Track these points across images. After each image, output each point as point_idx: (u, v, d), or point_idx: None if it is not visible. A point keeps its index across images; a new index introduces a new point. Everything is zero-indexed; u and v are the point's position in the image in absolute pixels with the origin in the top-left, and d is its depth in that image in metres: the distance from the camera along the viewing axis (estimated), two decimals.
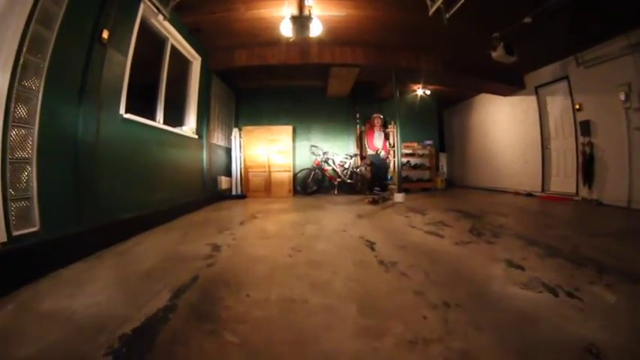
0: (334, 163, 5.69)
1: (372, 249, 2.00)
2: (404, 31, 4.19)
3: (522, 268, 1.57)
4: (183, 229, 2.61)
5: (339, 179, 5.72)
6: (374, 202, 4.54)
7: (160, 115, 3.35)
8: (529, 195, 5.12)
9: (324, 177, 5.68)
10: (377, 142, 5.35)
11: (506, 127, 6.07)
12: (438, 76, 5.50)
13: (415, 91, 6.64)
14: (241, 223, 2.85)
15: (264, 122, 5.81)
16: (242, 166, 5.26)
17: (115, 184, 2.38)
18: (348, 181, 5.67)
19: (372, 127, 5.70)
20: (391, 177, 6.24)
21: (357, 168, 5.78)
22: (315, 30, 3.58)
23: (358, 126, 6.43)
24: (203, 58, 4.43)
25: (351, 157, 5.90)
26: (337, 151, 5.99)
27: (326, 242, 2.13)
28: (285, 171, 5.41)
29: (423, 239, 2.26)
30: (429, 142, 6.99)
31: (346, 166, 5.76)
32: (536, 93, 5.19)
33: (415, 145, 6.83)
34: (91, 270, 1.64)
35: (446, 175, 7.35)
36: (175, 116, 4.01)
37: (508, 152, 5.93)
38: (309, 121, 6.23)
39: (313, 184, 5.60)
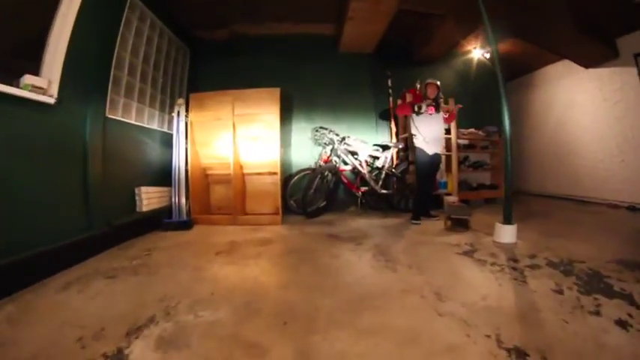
0: (357, 160, 3.33)
1: None
2: None
3: None
4: None
5: (364, 188, 3.37)
6: (455, 224, 2.25)
7: None
8: (632, 209, 3.57)
9: (337, 184, 3.30)
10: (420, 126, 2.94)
11: (589, 112, 4.29)
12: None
13: (470, 52, 4.33)
14: None
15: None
16: (190, 165, 2.89)
17: None
18: (383, 191, 3.30)
19: (408, 100, 3.38)
20: (445, 182, 3.89)
21: (394, 168, 3.41)
22: None
23: (391, 99, 4.06)
24: None
25: (383, 149, 3.52)
26: (359, 138, 3.61)
27: None
28: (269, 173, 3.04)
29: None
30: (492, 128, 4.60)
31: (378, 164, 3.39)
32: (637, 63, 3.59)
33: (474, 131, 4.44)
34: None
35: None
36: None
37: (593, 147, 4.25)
38: (310, 88, 3.82)
39: (319, 198, 3.24)
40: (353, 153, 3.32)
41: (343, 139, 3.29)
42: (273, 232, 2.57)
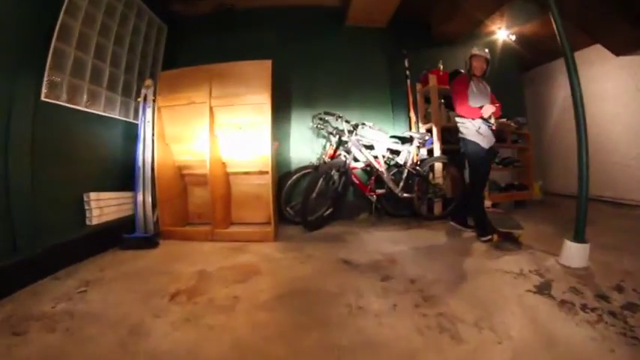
0: (373, 155, 2.66)
1: None
2: None
3: None
4: None
5: (380, 191, 2.71)
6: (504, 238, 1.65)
7: None
8: None
9: (346, 186, 2.66)
10: (478, 104, 2.20)
11: (621, 104, 3.86)
12: None
13: (494, 33, 3.81)
14: None
15: None
16: (157, 163, 2.27)
17: None
18: (405, 195, 2.65)
19: (431, 83, 2.93)
20: None
21: (418, 165, 2.79)
22: None
23: (409, 82, 3.42)
24: None
25: (403, 141, 2.89)
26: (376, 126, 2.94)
27: None
28: (258, 172, 2.42)
29: None
30: (522, 119, 3.98)
31: (399, 160, 2.73)
32: None
33: (506, 122, 3.81)
34: None
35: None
36: None
37: (627, 143, 3.77)
38: (312, 68, 3.17)
39: (323, 204, 2.62)
40: (368, 146, 2.68)
41: (356, 127, 2.62)
42: (261, 254, 1.93)
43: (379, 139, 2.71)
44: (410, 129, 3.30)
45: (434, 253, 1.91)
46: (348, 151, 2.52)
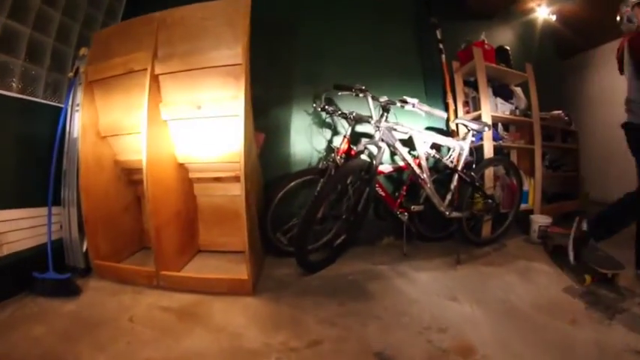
0: (413, 154, 1.77)
1: None
2: None
3: None
4: None
5: (416, 208, 1.89)
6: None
7: None
8: None
9: (369, 202, 1.75)
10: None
11: None
12: None
13: (533, 10, 3.35)
14: None
15: None
16: (83, 164, 1.57)
17: None
18: (453, 214, 1.78)
19: (477, 57, 2.35)
20: (527, 193, 2.49)
21: (474, 170, 1.93)
22: None
23: (444, 57, 2.60)
24: None
25: (450, 134, 2.10)
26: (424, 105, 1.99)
27: None
28: (234, 179, 1.64)
29: None
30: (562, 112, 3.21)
31: (447, 161, 1.86)
32: None
33: (561, 115, 3.16)
34: None
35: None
36: None
37: None
38: (316, 32, 2.34)
39: (334, 226, 1.83)
40: (403, 141, 1.76)
41: (388, 107, 1.68)
42: (227, 331, 1.11)
43: (421, 129, 1.85)
44: (447, 118, 2.50)
45: (518, 318, 1.15)
46: (374, 149, 1.64)
